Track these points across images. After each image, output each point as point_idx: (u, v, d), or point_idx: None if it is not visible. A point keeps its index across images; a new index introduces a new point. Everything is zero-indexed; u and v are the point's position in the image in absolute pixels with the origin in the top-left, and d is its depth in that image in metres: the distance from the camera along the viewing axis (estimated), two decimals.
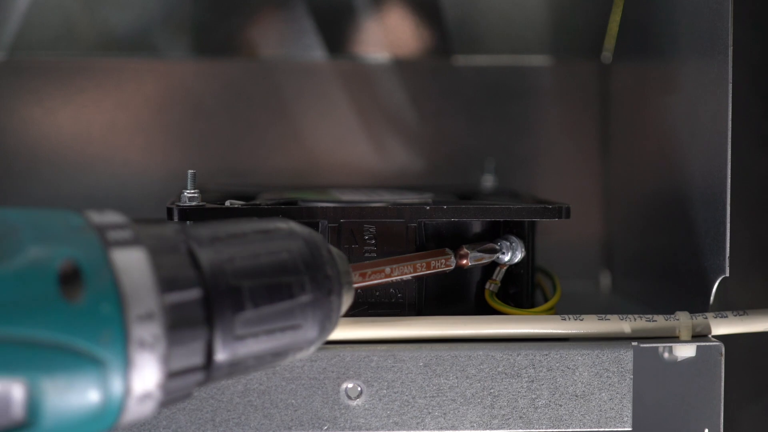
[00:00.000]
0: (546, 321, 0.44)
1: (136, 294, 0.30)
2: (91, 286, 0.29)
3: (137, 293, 0.30)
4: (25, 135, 0.66)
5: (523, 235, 0.47)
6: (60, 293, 0.28)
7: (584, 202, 0.67)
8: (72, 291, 0.29)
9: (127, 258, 0.30)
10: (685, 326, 0.44)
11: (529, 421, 0.43)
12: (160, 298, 0.30)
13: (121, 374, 0.29)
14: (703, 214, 0.48)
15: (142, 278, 0.30)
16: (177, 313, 0.31)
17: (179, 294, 0.31)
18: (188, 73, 0.67)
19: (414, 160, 0.68)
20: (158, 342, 0.30)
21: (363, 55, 0.68)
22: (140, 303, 0.30)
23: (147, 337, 0.30)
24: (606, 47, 0.66)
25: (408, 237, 0.46)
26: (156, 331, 0.30)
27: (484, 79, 0.68)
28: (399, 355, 0.42)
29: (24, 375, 0.27)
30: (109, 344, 0.29)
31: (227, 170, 0.66)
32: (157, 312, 0.30)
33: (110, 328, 0.29)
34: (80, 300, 0.29)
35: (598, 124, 0.67)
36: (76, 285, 0.29)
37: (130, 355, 0.29)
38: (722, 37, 0.46)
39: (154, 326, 0.30)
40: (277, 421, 0.42)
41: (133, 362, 0.29)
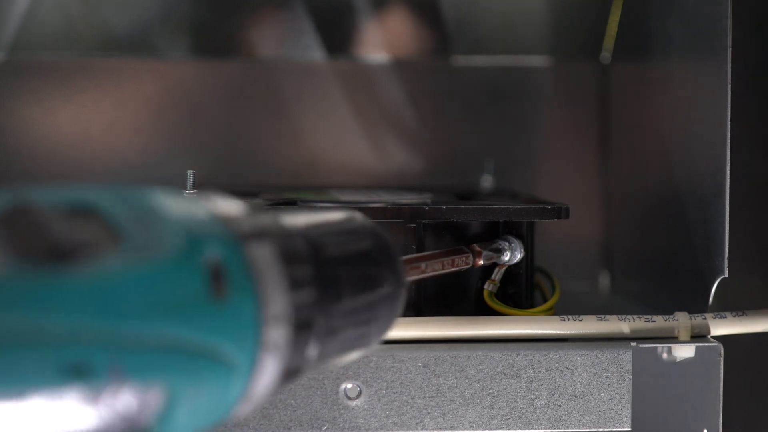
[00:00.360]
0: (545, 321, 0.44)
1: (271, 294, 0.27)
2: (234, 283, 0.26)
3: (273, 293, 0.27)
4: (25, 135, 0.66)
5: (522, 236, 0.47)
6: (210, 291, 0.25)
7: (583, 202, 0.67)
8: (219, 289, 0.26)
9: (260, 253, 0.28)
10: (684, 327, 0.44)
11: (528, 422, 0.43)
12: (290, 297, 0.28)
13: (245, 378, 0.27)
14: (702, 214, 0.48)
15: (273, 276, 0.28)
16: (300, 314, 0.29)
17: (302, 293, 0.29)
18: (188, 74, 0.67)
19: (413, 161, 0.68)
20: (285, 345, 0.28)
21: (362, 56, 0.68)
22: (275, 303, 0.27)
23: (277, 340, 0.27)
24: (605, 48, 0.66)
25: (407, 237, 0.46)
26: (284, 333, 0.28)
27: (484, 79, 0.68)
28: (398, 355, 0.42)
29: (168, 380, 0.24)
30: (244, 347, 0.26)
31: (226, 170, 0.66)
32: (287, 313, 0.28)
33: (248, 330, 0.27)
34: (225, 299, 0.26)
35: (597, 124, 0.67)
36: (221, 283, 0.26)
37: (260, 359, 0.27)
38: (721, 38, 0.46)
39: (283, 328, 0.28)
40: (276, 421, 0.42)
41: (260, 367, 0.27)
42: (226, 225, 0.27)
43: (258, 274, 0.27)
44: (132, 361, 0.23)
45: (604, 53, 0.67)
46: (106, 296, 0.23)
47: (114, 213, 0.25)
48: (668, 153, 0.54)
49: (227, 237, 0.27)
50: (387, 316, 0.34)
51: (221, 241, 0.27)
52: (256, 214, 0.29)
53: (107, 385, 0.23)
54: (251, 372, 0.27)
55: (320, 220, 0.32)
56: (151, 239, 0.25)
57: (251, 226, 0.28)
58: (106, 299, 0.23)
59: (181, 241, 0.25)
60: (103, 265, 0.24)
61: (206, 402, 0.26)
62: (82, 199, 0.25)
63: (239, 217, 0.28)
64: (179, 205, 0.27)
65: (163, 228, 0.26)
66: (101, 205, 0.25)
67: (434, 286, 0.47)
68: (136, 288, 0.24)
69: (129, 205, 0.26)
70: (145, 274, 0.24)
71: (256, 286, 0.27)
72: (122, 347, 0.23)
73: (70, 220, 0.24)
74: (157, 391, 0.24)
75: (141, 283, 0.24)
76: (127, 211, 0.25)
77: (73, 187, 0.26)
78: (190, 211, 0.27)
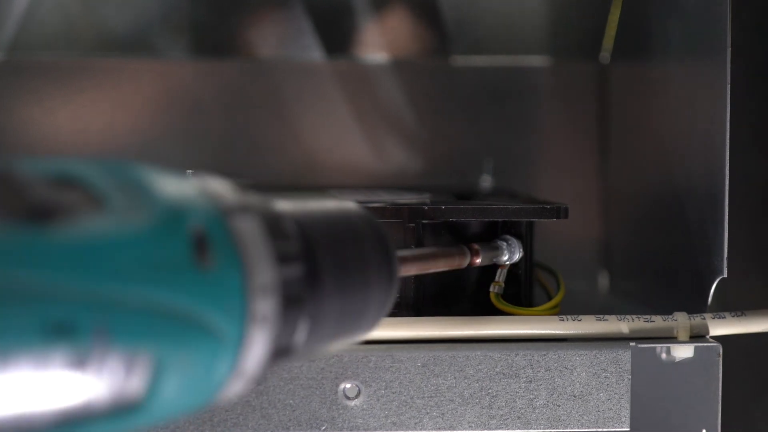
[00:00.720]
0: (544, 321, 0.44)
1: (257, 265, 0.27)
2: (218, 253, 0.26)
3: (258, 264, 0.27)
4: (24, 135, 0.66)
5: (522, 235, 0.47)
6: (194, 259, 0.25)
7: (582, 202, 0.67)
8: (203, 257, 0.26)
9: (245, 226, 0.28)
10: (683, 327, 0.44)
11: (527, 422, 0.43)
12: (277, 270, 0.28)
13: (233, 351, 0.27)
14: (701, 214, 0.48)
15: (259, 248, 0.28)
16: (288, 289, 0.28)
17: (290, 268, 0.29)
18: (187, 74, 0.67)
19: (412, 161, 0.68)
20: (273, 318, 0.28)
21: (362, 56, 0.68)
22: (261, 275, 0.27)
23: (265, 311, 0.27)
24: (604, 48, 0.66)
25: (406, 237, 0.46)
26: (272, 306, 0.28)
27: (483, 79, 0.68)
28: (397, 355, 0.42)
29: (155, 347, 0.24)
30: (231, 317, 0.26)
31: (225, 170, 0.66)
32: (274, 285, 0.28)
33: (235, 299, 0.26)
34: (210, 267, 0.26)
35: (597, 124, 0.67)
36: (205, 251, 0.26)
37: (247, 331, 0.27)
38: (721, 38, 0.46)
39: (271, 300, 0.27)
40: (275, 421, 0.42)
41: (248, 339, 0.27)
42: (212, 199, 0.27)
43: (243, 245, 0.27)
44: (116, 322, 0.23)
45: (604, 53, 0.67)
46: (89, 255, 0.23)
47: (97, 182, 0.25)
48: (667, 153, 0.54)
49: (212, 208, 0.27)
50: (378, 304, 0.33)
51: (206, 211, 0.27)
52: (244, 192, 0.29)
53: (92, 346, 0.22)
54: (240, 344, 0.27)
55: (312, 204, 0.33)
56: (135, 206, 0.25)
57: (237, 202, 0.28)
58: (88, 258, 0.23)
59: (165, 209, 0.25)
60: (87, 225, 0.23)
61: (195, 375, 0.26)
62: (65, 168, 0.25)
63: (226, 194, 0.28)
64: (164, 178, 0.27)
65: (148, 197, 0.26)
66: (84, 174, 0.25)
67: (433, 286, 0.47)
68: (119, 249, 0.24)
69: (113, 175, 0.26)
70: (128, 237, 0.24)
71: (241, 256, 0.27)
72: (105, 307, 0.23)
73: (52, 186, 0.24)
74: (144, 358, 0.24)
75: (123, 245, 0.24)
76: (111, 180, 0.25)
77: (56, 158, 0.26)
78: (176, 184, 0.27)
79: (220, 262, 0.26)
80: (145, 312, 0.24)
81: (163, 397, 0.25)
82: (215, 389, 0.27)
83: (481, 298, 0.47)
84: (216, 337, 0.26)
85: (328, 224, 0.32)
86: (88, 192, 0.25)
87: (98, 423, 0.23)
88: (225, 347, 0.26)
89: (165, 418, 0.25)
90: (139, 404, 0.24)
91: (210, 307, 0.26)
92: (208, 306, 0.25)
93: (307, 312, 0.29)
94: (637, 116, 0.60)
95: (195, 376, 0.26)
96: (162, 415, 0.25)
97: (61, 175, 0.25)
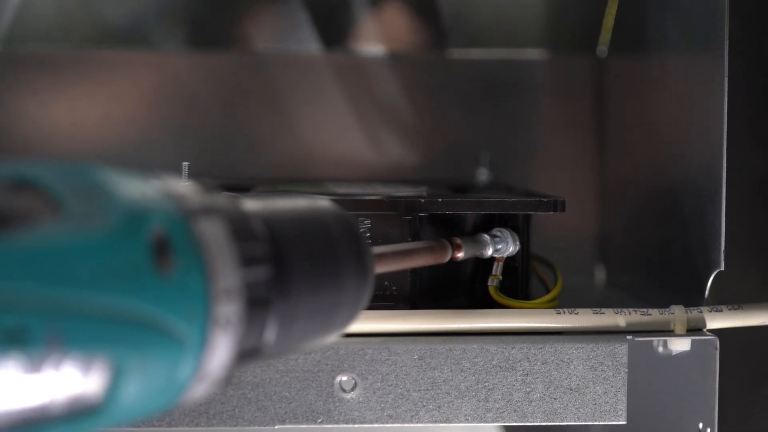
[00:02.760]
0: (541, 314, 0.44)
1: (220, 268, 0.27)
2: (180, 257, 0.26)
3: (221, 267, 0.27)
4: (19, 127, 0.65)
5: (518, 229, 0.47)
6: (153, 264, 0.25)
7: (579, 195, 0.66)
8: (163, 262, 0.25)
9: (208, 228, 0.27)
10: (680, 320, 0.44)
11: (523, 415, 0.43)
12: (241, 273, 0.28)
13: (195, 354, 0.26)
14: (698, 208, 0.48)
15: (223, 251, 0.27)
16: (252, 291, 0.28)
17: (255, 270, 0.28)
18: (183, 66, 0.67)
19: (409, 154, 0.67)
20: (236, 321, 0.27)
21: (358, 49, 0.68)
22: (224, 278, 0.27)
23: (228, 315, 0.27)
24: (601, 41, 0.66)
25: (402, 230, 0.46)
26: (236, 309, 0.27)
27: (480, 73, 0.68)
28: (393, 348, 0.42)
29: (111, 351, 0.24)
30: (193, 321, 0.26)
31: (222, 163, 0.66)
32: (238, 288, 0.28)
33: (196, 303, 0.26)
34: (170, 272, 0.26)
35: (594, 118, 0.67)
36: (166, 256, 0.26)
37: (209, 334, 0.27)
38: (718, 32, 0.46)
39: (234, 304, 0.27)
40: (271, 413, 0.42)
41: (211, 342, 0.27)
42: (175, 201, 0.27)
43: (206, 249, 0.27)
44: (71, 330, 0.23)
45: (601, 47, 0.67)
46: (43, 262, 0.23)
47: (55, 186, 0.25)
48: (664, 147, 0.54)
49: (174, 212, 0.27)
50: (352, 302, 0.33)
51: (167, 215, 0.26)
52: (210, 193, 0.29)
53: (46, 353, 0.22)
54: (202, 347, 0.27)
55: (282, 203, 0.32)
56: (93, 211, 0.25)
57: (201, 204, 0.28)
58: (42, 265, 0.23)
59: (124, 213, 0.25)
60: (42, 232, 0.23)
61: (156, 378, 0.26)
62: (22, 172, 0.25)
63: (189, 195, 0.28)
64: (126, 182, 0.27)
65: (107, 201, 0.25)
66: (41, 178, 0.25)
67: (429, 280, 0.46)
68: (75, 256, 0.24)
69: (72, 179, 0.25)
70: (84, 243, 0.24)
71: (204, 260, 0.27)
72: (60, 315, 0.23)
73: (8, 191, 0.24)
74: (102, 364, 0.24)
75: (80, 251, 0.24)
76: (70, 184, 0.25)
77: (14, 161, 0.26)
78: (137, 187, 0.27)
79: (182, 266, 0.26)
80: (102, 318, 0.24)
81: (123, 400, 0.25)
82: (178, 392, 0.27)
83: (477, 291, 0.47)
84: (178, 341, 0.26)
85: (298, 224, 0.32)
86: (44, 196, 0.24)
87: (56, 425, 0.23)
88: (187, 351, 0.26)
89: (127, 420, 0.25)
90: (97, 407, 0.24)
91: (171, 312, 0.25)
92: (168, 311, 0.25)
93: (275, 313, 0.29)
94: (634, 110, 0.60)
95: (157, 379, 0.26)
96: (123, 417, 0.25)
97: (18, 179, 0.25)
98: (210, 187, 0.30)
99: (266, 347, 0.30)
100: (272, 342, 0.30)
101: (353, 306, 0.33)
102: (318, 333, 0.32)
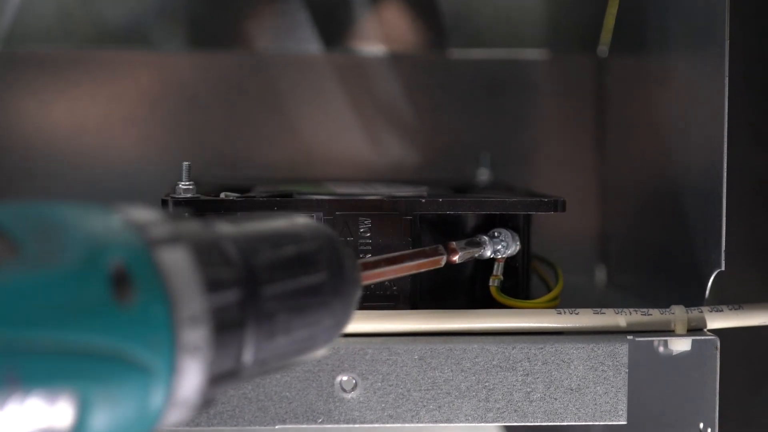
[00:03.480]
0: (541, 315, 0.44)
1: (184, 296, 0.28)
2: (140, 288, 0.27)
3: (185, 295, 0.28)
4: (20, 127, 0.65)
5: (519, 229, 0.47)
6: (112, 297, 0.26)
7: (580, 195, 0.66)
8: (123, 294, 0.26)
9: (171, 257, 0.28)
10: (680, 320, 0.44)
11: (524, 415, 0.43)
12: (207, 299, 0.28)
13: (165, 382, 0.27)
14: (698, 207, 0.48)
15: (187, 279, 0.28)
16: (221, 315, 0.29)
17: (222, 295, 0.29)
18: (183, 66, 0.67)
19: (409, 154, 0.67)
20: (205, 347, 0.28)
21: (359, 49, 0.68)
22: (189, 305, 0.28)
23: (195, 341, 0.28)
24: (602, 41, 0.66)
25: (403, 230, 0.46)
26: (203, 334, 0.28)
27: (480, 72, 0.68)
28: (394, 348, 0.42)
29: (74, 385, 0.25)
30: (158, 350, 0.27)
31: (222, 163, 0.66)
32: (204, 314, 0.28)
33: (160, 333, 0.27)
34: (131, 304, 0.26)
35: (594, 118, 0.67)
36: (126, 287, 0.26)
37: (177, 362, 0.27)
38: (719, 31, 0.46)
39: (201, 330, 0.28)
40: (272, 413, 0.42)
41: (180, 369, 0.28)
42: (137, 232, 0.28)
43: (168, 277, 0.28)
44: (28, 367, 0.24)
45: (602, 47, 0.67)
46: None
47: (13, 228, 0.26)
48: (665, 146, 0.54)
49: (134, 243, 0.28)
50: (335, 317, 0.34)
51: (126, 247, 0.27)
52: (175, 221, 0.30)
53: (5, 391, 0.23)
54: (171, 375, 0.27)
55: (256, 225, 0.33)
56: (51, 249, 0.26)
57: (165, 232, 0.29)
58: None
59: (82, 249, 0.26)
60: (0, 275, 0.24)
61: (127, 408, 0.26)
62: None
63: (152, 224, 0.29)
64: (85, 217, 0.28)
65: (65, 238, 0.26)
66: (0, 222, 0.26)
67: (429, 280, 0.46)
68: (31, 295, 0.24)
69: (30, 219, 0.26)
70: (41, 281, 0.25)
71: (166, 288, 0.27)
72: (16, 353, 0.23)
73: None
74: (68, 397, 0.25)
75: (36, 290, 0.25)
76: (28, 225, 0.26)
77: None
78: (98, 220, 0.28)
79: (144, 297, 0.27)
80: (62, 353, 0.24)
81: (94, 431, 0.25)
82: (152, 419, 0.27)
83: (477, 291, 0.47)
84: (145, 369, 0.26)
85: (273, 244, 0.32)
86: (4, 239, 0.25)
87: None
88: (156, 379, 0.27)
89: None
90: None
91: (134, 342, 0.26)
92: (131, 341, 0.26)
93: (252, 333, 0.30)
94: (635, 110, 0.60)
95: (127, 409, 0.26)
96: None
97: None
98: (178, 215, 0.31)
99: (245, 368, 0.30)
100: (250, 363, 0.30)
101: (337, 321, 0.34)
102: (301, 350, 0.33)
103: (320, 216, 0.46)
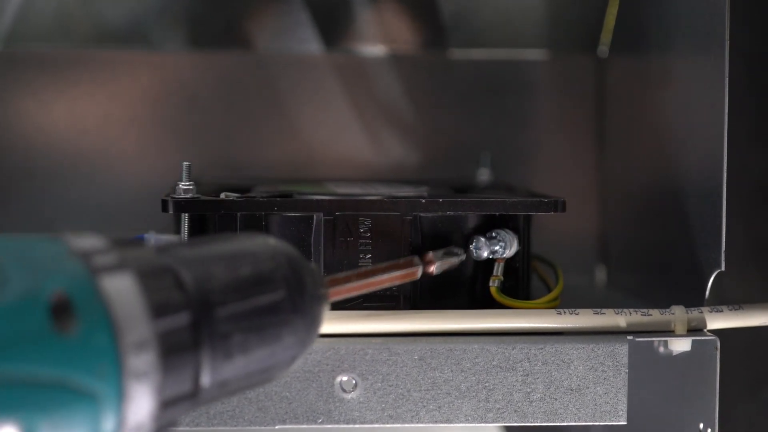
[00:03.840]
0: (541, 315, 0.44)
1: (128, 322, 0.28)
2: (82, 316, 0.27)
3: (130, 321, 0.28)
4: (20, 127, 0.65)
5: (519, 229, 0.47)
6: (53, 327, 0.27)
7: (580, 196, 0.66)
8: (64, 323, 0.27)
9: (115, 284, 0.29)
10: (680, 320, 0.44)
11: (524, 415, 0.43)
12: (153, 324, 0.29)
13: (115, 408, 0.28)
14: (699, 208, 0.48)
15: (132, 305, 0.29)
16: (169, 340, 0.29)
17: (170, 319, 0.30)
18: (183, 66, 0.67)
19: (410, 154, 0.67)
20: (153, 371, 0.29)
21: (359, 49, 0.68)
22: (133, 331, 0.28)
23: (142, 366, 0.28)
24: (602, 41, 0.66)
25: (403, 230, 0.46)
26: (150, 359, 0.29)
27: (480, 73, 0.68)
28: (394, 348, 0.42)
29: (18, 416, 0.26)
30: (104, 377, 0.27)
31: (222, 163, 0.66)
32: (151, 340, 0.29)
33: (105, 360, 0.27)
34: (73, 332, 0.27)
35: (594, 118, 0.67)
36: (67, 317, 0.27)
37: (125, 387, 0.28)
38: (719, 32, 0.46)
39: (148, 355, 0.28)
40: (272, 413, 0.42)
41: (128, 394, 0.28)
42: (80, 260, 0.28)
43: (111, 305, 0.28)
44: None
45: (602, 47, 0.67)
46: None
47: None
48: (665, 147, 0.54)
49: (76, 272, 0.28)
50: (298, 336, 0.34)
51: (68, 276, 0.28)
52: (123, 248, 0.30)
53: None
54: (120, 401, 0.28)
55: (211, 247, 0.33)
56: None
57: (109, 260, 0.29)
58: None
59: (23, 281, 0.27)
60: None
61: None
62: None
63: (97, 252, 0.29)
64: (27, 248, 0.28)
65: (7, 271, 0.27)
66: None
67: (430, 280, 0.46)
68: None
69: None
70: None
71: (110, 315, 0.28)
72: None
73: None
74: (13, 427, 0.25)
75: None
76: None
77: None
78: (39, 251, 0.28)
79: (86, 325, 0.27)
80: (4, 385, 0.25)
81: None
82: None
83: (477, 291, 0.47)
84: (91, 397, 0.27)
85: (227, 265, 0.33)
86: None
87: None
88: (105, 406, 0.27)
89: None
90: None
91: (78, 370, 0.27)
92: (76, 369, 0.27)
93: (207, 355, 0.30)
94: (635, 110, 0.60)
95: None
96: None
97: None
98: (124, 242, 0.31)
99: (204, 390, 0.31)
100: (210, 384, 0.31)
101: (300, 338, 0.34)
102: (265, 369, 0.33)
103: (320, 216, 0.46)
